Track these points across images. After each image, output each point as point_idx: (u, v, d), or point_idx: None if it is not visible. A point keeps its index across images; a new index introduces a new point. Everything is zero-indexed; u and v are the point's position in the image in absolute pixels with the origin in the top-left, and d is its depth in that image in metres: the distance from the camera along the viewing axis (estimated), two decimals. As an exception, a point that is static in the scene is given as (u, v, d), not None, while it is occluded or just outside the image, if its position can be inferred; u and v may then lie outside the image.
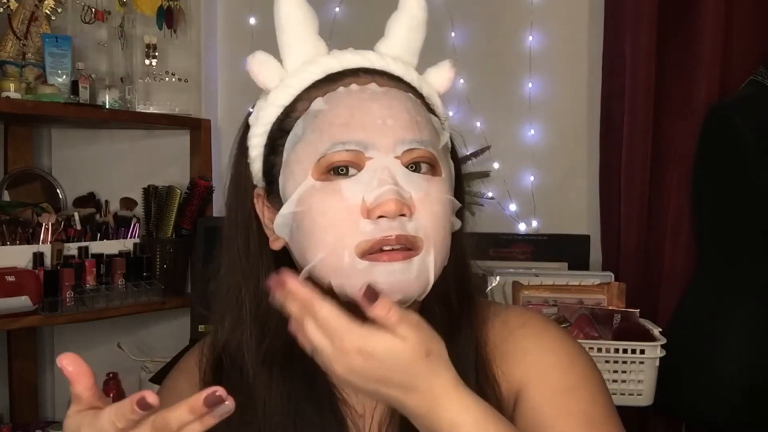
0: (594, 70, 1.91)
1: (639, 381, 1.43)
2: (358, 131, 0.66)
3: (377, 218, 0.64)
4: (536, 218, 1.95)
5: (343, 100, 0.69)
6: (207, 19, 2.08)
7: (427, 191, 0.67)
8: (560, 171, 1.97)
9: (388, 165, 0.66)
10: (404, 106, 0.69)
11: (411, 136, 0.67)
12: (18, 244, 1.67)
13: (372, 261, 0.64)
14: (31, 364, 2.01)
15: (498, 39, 1.97)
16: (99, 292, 1.74)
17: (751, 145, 1.49)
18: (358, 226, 0.64)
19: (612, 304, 1.57)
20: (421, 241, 0.66)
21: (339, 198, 0.65)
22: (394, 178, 0.65)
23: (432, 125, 0.71)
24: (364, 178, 0.66)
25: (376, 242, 0.64)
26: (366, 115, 0.67)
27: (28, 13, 1.78)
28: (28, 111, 1.69)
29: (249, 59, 0.74)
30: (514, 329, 0.77)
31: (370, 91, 0.69)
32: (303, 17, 0.74)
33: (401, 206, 0.64)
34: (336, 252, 0.65)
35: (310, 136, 0.68)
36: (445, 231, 0.69)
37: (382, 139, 0.66)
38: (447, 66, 0.76)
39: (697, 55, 1.69)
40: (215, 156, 2.08)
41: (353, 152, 0.66)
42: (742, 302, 1.54)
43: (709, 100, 1.66)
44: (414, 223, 0.65)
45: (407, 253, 0.65)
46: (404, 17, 0.75)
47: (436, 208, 0.67)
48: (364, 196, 0.65)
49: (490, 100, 1.93)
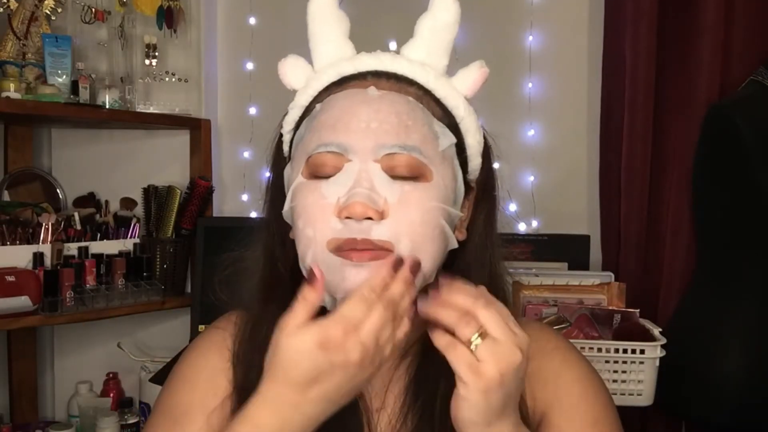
0: (594, 70, 1.91)
1: (639, 381, 1.43)
2: (340, 134, 0.69)
3: (345, 218, 0.67)
4: (536, 218, 1.95)
5: (337, 103, 0.71)
6: (207, 19, 2.08)
7: (404, 197, 0.68)
8: (560, 171, 1.97)
9: (367, 168, 0.68)
10: (394, 110, 0.70)
11: (394, 141, 0.68)
12: (18, 244, 1.67)
13: (341, 257, 0.67)
14: (31, 364, 2.01)
15: (498, 39, 1.97)
16: (99, 292, 1.75)
17: (751, 145, 1.49)
18: (330, 223, 0.67)
19: (612, 304, 1.57)
20: (390, 245, 0.67)
21: (318, 196, 0.69)
22: (371, 181, 0.67)
23: (429, 130, 0.71)
24: (342, 180, 0.68)
25: (343, 242, 0.67)
26: (352, 119, 0.69)
27: (28, 13, 1.78)
28: (28, 111, 1.69)
29: (280, 63, 0.77)
30: (544, 349, 0.78)
31: (364, 94, 0.71)
32: (330, 21, 0.75)
33: (366, 209, 0.66)
34: (312, 245, 0.69)
35: (306, 136, 0.72)
36: (426, 239, 0.68)
37: (363, 142, 0.68)
38: (474, 67, 0.78)
39: (697, 55, 1.69)
40: (215, 156, 2.08)
41: (334, 154, 0.69)
42: (742, 302, 1.54)
43: (709, 100, 1.66)
44: (384, 228, 0.67)
45: (374, 254, 0.67)
46: (432, 18, 0.76)
47: (414, 214, 0.68)
48: (339, 196, 0.68)
49: (490, 100, 1.93)
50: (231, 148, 2.14)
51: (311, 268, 0.65)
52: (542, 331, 0.82)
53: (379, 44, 0.80)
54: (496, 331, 0.63)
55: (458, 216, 0.74)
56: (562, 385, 0.77)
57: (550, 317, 1.52)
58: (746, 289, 1.54)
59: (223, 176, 2.14)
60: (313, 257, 0.68)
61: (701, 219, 1.67)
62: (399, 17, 2.06)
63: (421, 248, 0.68)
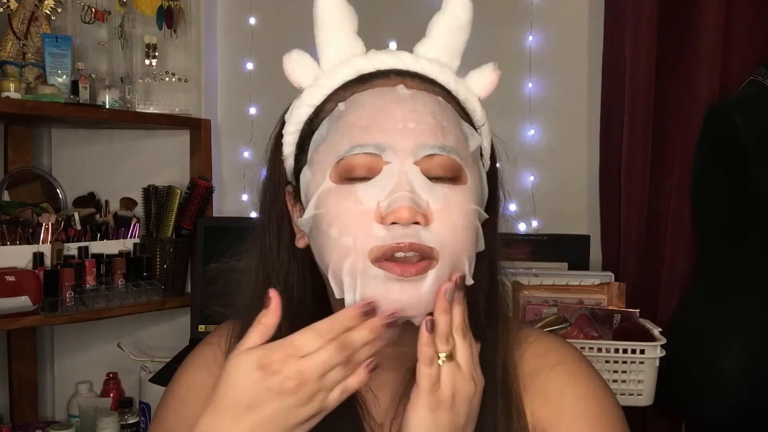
0: (594, 70, 1.91)
1: (639, 381, 1.43)
2: (377, 134, 0.65)
3: (390, 224, 0.63)
4: (536, 218, 1.95)
5: (366, 102, 0.67)
6: (207, 19, 2.08)
7: (446, 201, 0.65)
8: (560, 171, 1.97)
9: (406, 170, 0.64)
10: (430, 110, 0.67)
11: (433, 141, 0.65)
12: (18, 244, 1.67)
13: (386, 270, 0.63)
14: (31, 364, 2.01)
15: (498, 39, 1.97)
16: (99, 292, 1.74)
17: (750, 144, 1.49)
18: (372, 231, 0.63)
19: (612, 304, 1.57)
20: (436, 252, 0.63)
21: (354, 201, 0.64)
22: (411, 184, 0.64)
23: (460, 131, 0.69)
24: (381, 183, 0.64)
25: (388, 248, 0.63)
26: (387, 118, 0.66)
27: (28, 13, 1.78)
28: (28, 111, 1.68)
29: (285, 58, 0.73)
30: (549, 365, 0.76)
31: (395, 93, 0.68)
32: (340, 16, 0.71)
33: (414, 213, 0.62)
34: (350, 256, 0.64)
35: (333, 137, 0.67)
36: (466, 243, 0.66)
37: (402, 142, 0.65)
38: (489, 69, 0.75)
39: (697, 55, 1.69)
40: (215, 156, 2.08)
41: (371, 155, 0.65)
42: (742, 302, 1.54)
43: (709, 100, 1.66)
44: (430, 234, 0.63)
45: (420, 266, 0.63)
46: (446, 17, 0.72)
47: (456, 218, 0.65)
48: (379, 200, 0.64)
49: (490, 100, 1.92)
50: (231, 148, 2.14)
51: (267, 293, 0.63)
52: (551, 347, 0.79)
53: (379, 44, 0.79)
54: (462, 360, 0.65)
55: (485, 218, 0.71)
56: (565, 404, 0.74)
57: (550, 317, 1.52)
58: (746, 289, 1.54)
59: (223, 176, 2.14)
60: (351, 268, 0.64)
61: (701, 219, 1.67)
62: (399, 17, 2.07)
63: (462, 253, 0.66)
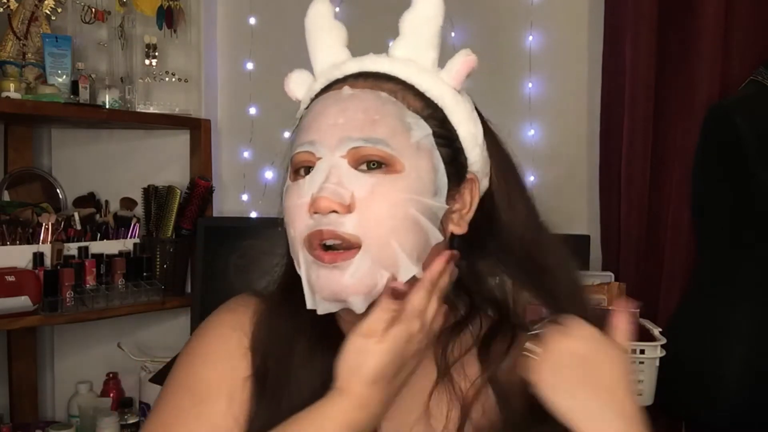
0: (594, 70, 1.91)
1: (639, 381, 1.43)
2: (312, 133, 0.72)
3: (314, 214, 0.69)
4: (536, 218, 1.95)
5: (315, 107, 0.75)
6: (207, 19, 2.08)
7: (372, 190, 0.69)
8: (560, 171, 1.97)
9: (334, 164, 0.70)
10: (362, 107, 0.72)
11: (358, 134, 0.70)
12: (18, 244, 1.67)
13: (314, 257, 0.70)
14: (31, 364, 2.01)
15: (498, 39, 1.97)
16: (99, 292, 1.75)
17: (751, 145, 1.49)
18: (304, 221, 0.70)
19: (612, 304, 1.57)
20: (357, 239, 0.68)
21: (297, 195, 0.71)
22: (339, 177, 0.69)
23: (400, 121, 0.71)
24: (315, 177, 0.71)
25: (311, 234, 0.70)
26: (322, 118, 0.72)
27: (28, 13, 1.78)
28: (28, 111, 1.69)
29: (286, 78, 0.81)
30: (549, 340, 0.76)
31: (338, 95, 0.74)
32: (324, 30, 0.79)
33: (330, 203, 0.68)
34: (294, 244, 0.72)
35: (292, 141, 0.76)
36: (394, 232, 0.69)
37: (329, 138, 0.71)
38: (458, 57, 0.77)
39: (697, 55, 1.69)
40: (215, 156, 2.08)
41: (307, 153, 0.72)
42: (742, 302, 1.54)
43: (709, 100, 1.66)
44: (351, 222, 0.68)
45: (345, 254, 0.69)
46: (411, 14, 0.77)
47: (381, 207, 0.69)
48: (312, 193, 0.70)
49: (490, 100, 1.91)
50: (231, 148, 2.14)
51: (392, 286, 0.70)
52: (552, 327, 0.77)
53: (379, 44, 0.80)
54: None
55: (442, 208, 0.73)
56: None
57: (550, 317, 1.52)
58: (746, 289, 1.54)
59: (223, 176, 2.14)
60: (297, 259, 0.72)
61: (701, 219, 1.67)
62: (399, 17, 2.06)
63: (389, 241, 0.69)
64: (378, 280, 0.69)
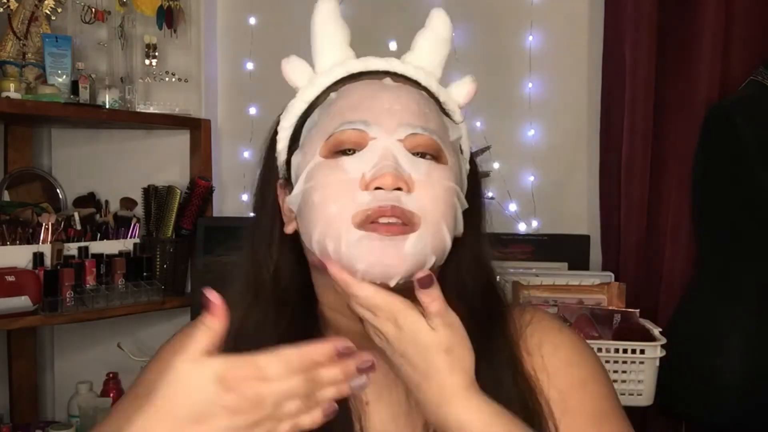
0: (594, 70, 1.91)
1: (639, 381, 1.43)
2: (364, 112, 0.70)
3: (374, 190, 0.67)
4: (536, 218, 1.95)
5: (356, 90, 0.74)
6: (207, 19, 2.08)
7: (428, 174, 0.69)
8: (560, 171, 1.97)
9: (390, 146, 0.69)
10: (414, 98, 0.73)
11: (416, 121, 0.71)
12: (18, 244, 1.67)
13: (368, 231, 0.66)
14: (31, 364, 2.01)
15: (498, 39, 1.97)
16: (99, 292, 1.74)
17: (751, 145, 1.49)
18: (356, 198, 0.67)
19: (612, 304, 1.57)
20: (418, 218, 0.67)
21: (341, 172, 0.69)
22: (395, 158, 0.69)
23: (441, 121, 0.74)
24: (366, 156, 0.69)
25: (372, 211, 0.66)
26: (374, 101, 0.71)
27: (28, 13, 1.78)
28: (28, 111, 1.69)
29: (283, 61, 0.79)
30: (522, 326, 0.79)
31: (382, 83, 0.74)
32: (334, 28, 0.79)
33: (397, 180, 0.67)
34: (335, 222, 0.67)
35: (323, 120, 0.73)
36: (447, 216, 0.70)
37: (387, 120, 0.70)
38: (467, 81, 0.81)
39: (697, 55, 1.69)
40: (215, 156, 2.08)
41: (358, 131, 0.70)
42: (741, 302, 1.54)
43: (709, 100, 1.66)
44: (413, 200, 0.67)
45: (403, 228, 0.66)
46: (430, 33, 0.80)
47: (438, 191, 0.69)
48: (364, 171, 0.68)
49: (490, 100, 1.93)
50: (231, 148, 2.13)
51: (207, 295, 0.61)
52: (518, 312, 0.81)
53: (380, 44, 0.81)
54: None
55: (465, 205, 0.74)
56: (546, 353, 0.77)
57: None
58: (746, 289, 1.54)
59: (223, 176, 2.14)
60: (335, 234, 0.67)
61: (701, 219, 1.67)
62: (399, 17, 2.06)
63: (442, 223, 0.69)
64: (427, 261, 0.68)
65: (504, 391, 0.71)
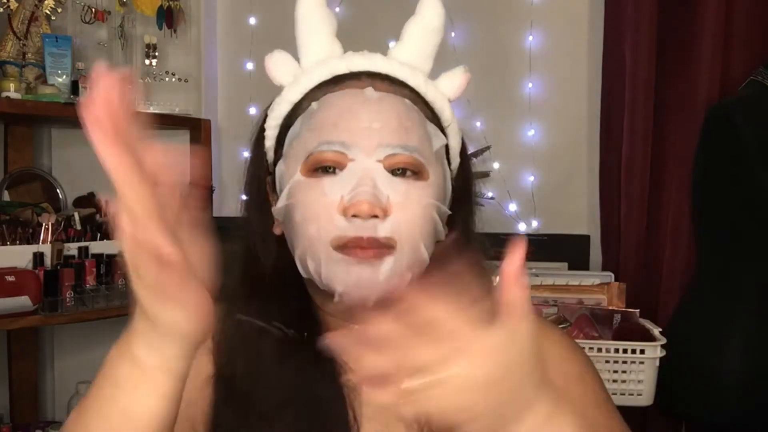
0: (594, 70, 1.91)
1: (639, 381, 1.43)
2: (343, 132, 0.70)
3: (351, 217, 0.67)
4: (536, 218, 1.95)
5: (336, 103, 0.72)
6: (207, 19, 2.08)
7: (406, 194, 0.69)
8: (560, 171, 1.97)
9: (369, 167, 0.69)
10: (395, 112, 0.71)
11: (396, 141, 0.70)
12: (18, 244, 1.67)
13: (345, 255, 0.68)
14: (31, 364, 2.01)
15: (498, 39, 1.97)
16: (99, 292, 1.74)
17: (751, 145, 1.49)
18: (334, 221, 0.68)
19: (612, 304, 1.57)
20: (393, 242, 0.68)
21: (320, 194, 0.69)
22: (374, 180, 0.68)
23: (424, 131, 0.73)
24: (345, 178, 0.69)
25: (348, 240, 0.68)
26: (354, 118, 0.70)
27: (28, 13, 1.78)
28: (28, 111, 1.69)
29: (267, 58, 0.78)
30: None
31: (364, 95, 0.72)
32: (319, 19, 0.76)
33: (373, 208, 0.67)
34: (314, 243, 0.69)
35: (305, 134, 0.72)
36: (424, 234, 0.70)
37: (366, 141, 0.69)
38: (459, 72, 0.78)
39: (697, 55, 1.69)
40: (215, 156, 2.08)
41: (337, 153, 0.70)
42: (741, 302, 1.54)
43: (709, 100, 1.66)
44: (388, 225, 0.68)
45: (379, 252, 0.68)
46: (419, 23, 0.77)
47: (415, 211, 0.70)
48: (343, 194, 0.68)
49: (490, 100, 1.93)
50: (231, 148, 2.14)
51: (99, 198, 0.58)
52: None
53: (380, 44, 0.80)
54: None
55: (446, 213, 0.75)
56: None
57: (550, 317, 1.52)
58: (746, 289, 1.54)
59: (223, 176, 2.14)
60: (314, 254, 0.69)
61: (701, 219, 1.67)
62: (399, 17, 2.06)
63: (419, 243, 0.70)
64: (404, 280, 0.70)
65: None
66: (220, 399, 0.73)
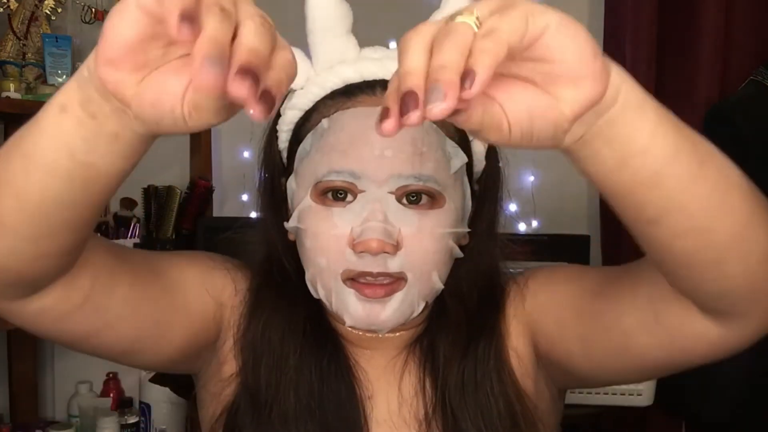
0: (594, 70, 1.91)
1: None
2: (353, 161, 0.67)
3: (360, 252, 0.66)
4: (536, 218, 1.95)
5: (347, 124, 0.69)
6: (207, 19, 2.08)
7: (419, 227, 0.68)
8: (560, 171, 1.97)
9: (380, 199, 0.67)
10: (410, 136, 0.67)
11: (409, 170, 0.67)
12: (18, 244, 1.67)
13: (355, 290, 0.68)
14: (31, 364, 2.01)
15: (498, 39, 1.97)
16: (99, 292, 1.74)
17: (751, 145, 1.49)
18: (344, 255, 0.67)
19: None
20: (404, 276, 0.68)
21: (330, 225, 0.68)
22: (384, 213, 0.66)
23: (443, 153, 0.70)
24: (355, 209, 0.67)
25: (357, 274, 0.68)
26: (365, 145, 0.67)
27: (28, 13, 1.78)
28: (28, 111, 1.67)
29: None
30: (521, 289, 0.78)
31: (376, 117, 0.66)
32: (332, 16, 0.70)
33: (383, 245, 0.65)
34: (324, 273, 0.69)
35: (315, 155, 0.70)
36: (438, 264, 0.70)
37: (377, 172, 0.67)
38: None
39: (697, 55, 1.69)
40: (215, 156, 2.08)
41: (347, 183, 0.68)
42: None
43: (709, 100, 1.66)
44: (399, 260, 0.67)
45: (389, 288, 0.68)
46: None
47: (428, 242, 0.68)
48: (353, 226, 0.67)
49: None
50: (231, 148, 2.14)
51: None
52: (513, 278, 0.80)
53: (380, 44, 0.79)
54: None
55: (464, 233, 0.74)
56: (530, 286, 0.77)
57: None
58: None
59: (223, 176, 2.14)
60: (324, 283, 0.70)
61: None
62: (399, 17, 2.06)
63: (432, 272, 0.70)
64: (416, 309, 0.71)
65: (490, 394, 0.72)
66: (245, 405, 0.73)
